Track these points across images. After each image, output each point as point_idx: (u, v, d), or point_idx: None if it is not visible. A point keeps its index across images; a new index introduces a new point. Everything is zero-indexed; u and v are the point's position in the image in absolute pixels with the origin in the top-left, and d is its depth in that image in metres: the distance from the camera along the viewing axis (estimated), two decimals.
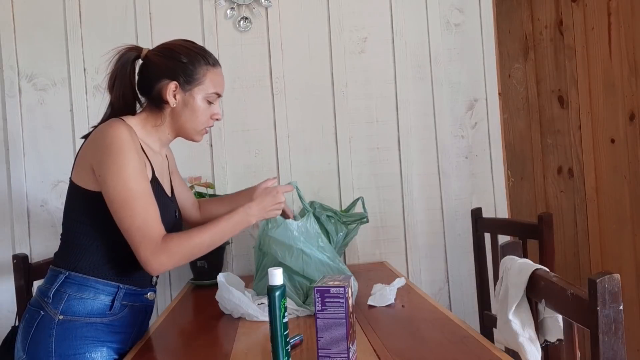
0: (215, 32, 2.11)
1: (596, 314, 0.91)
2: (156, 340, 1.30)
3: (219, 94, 1.35)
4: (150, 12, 2.10)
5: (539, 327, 1.18)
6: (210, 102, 1.33)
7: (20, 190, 2.05)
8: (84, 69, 2.09)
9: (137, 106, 1.35)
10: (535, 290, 1.15)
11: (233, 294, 1.37)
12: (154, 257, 1.15)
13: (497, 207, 2.20)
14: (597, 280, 0.90)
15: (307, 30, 2.15)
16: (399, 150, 2.16)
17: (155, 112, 1.31)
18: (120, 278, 1.25)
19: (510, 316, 1.17)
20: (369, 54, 2.17)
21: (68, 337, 1.18)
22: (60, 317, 1.19)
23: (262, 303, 1.41)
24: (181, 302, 1.68)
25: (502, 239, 1.87)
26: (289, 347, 1.00)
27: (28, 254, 1.71)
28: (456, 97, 2.20)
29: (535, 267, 1.17)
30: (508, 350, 1.20)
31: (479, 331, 1.66)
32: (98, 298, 1.22)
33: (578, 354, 1.06)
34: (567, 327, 1.07)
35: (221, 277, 1.40)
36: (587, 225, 2.51)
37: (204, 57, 1.32)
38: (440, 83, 2.18)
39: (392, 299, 1.45)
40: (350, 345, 1.00)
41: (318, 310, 0.99)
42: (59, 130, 2.07)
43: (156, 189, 1.26)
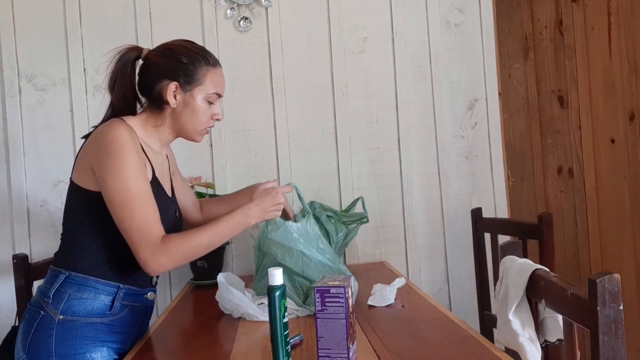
0: (215, 32, 2.11)
1: (596, 314, 0.91)
2: (156, 340, 1.30)
3: (219, 94, 1.35)
4: (150, 12, 2.10)
5: (539, 327, 1.18)
6: (211, 103, 1.33)
7: (20, 190, 2.05)
8: (84, 69, 2.09)
9: (138, 106, 1.35)
10: (535, 290, 1.15)
11: (233, 294, 1.37)
12: (153, 257, 1.15)
13: (497, 207, 2.20)
14: (597, 280, 0.90)
15: (307, 30, 2.15)
16: (399, 150, 2.16)
17: (156, 112, 1.31)
18: (121, 278, 1.25)
19: (510, 316, 1.17)
20: (369, 54, 2.16)
21: (68, 337, 1.18)
22: (61, 317, 1.19)
23: (262, 303, 1.41)
24: (181, 302, 1.68)
25: (502, 239, 1.87)
26: (289, 347, 1.00)
27: (28, 254, 1.71)
28: (456, 97, 2.20)
29: (535, 267, 1.17)
30: (508, 350, 1.20)
31: (479, 331, 1.66)
32: (98, 298, 1.22)
33: (578, 354, 1.06)
34: (567, 327, 1.07)
35: (221, 277, 1.40)
36: (587, 225, 2.51)
37: (204, 57, 1.32)
38: (440, 83, 2.18)
39: (392, 299, 1.45)
40: (350, 345, 1.00)
41: (318, 310, 0.99)
42: (59, 130, 2.07)
43: (156, 189, 1.26)
